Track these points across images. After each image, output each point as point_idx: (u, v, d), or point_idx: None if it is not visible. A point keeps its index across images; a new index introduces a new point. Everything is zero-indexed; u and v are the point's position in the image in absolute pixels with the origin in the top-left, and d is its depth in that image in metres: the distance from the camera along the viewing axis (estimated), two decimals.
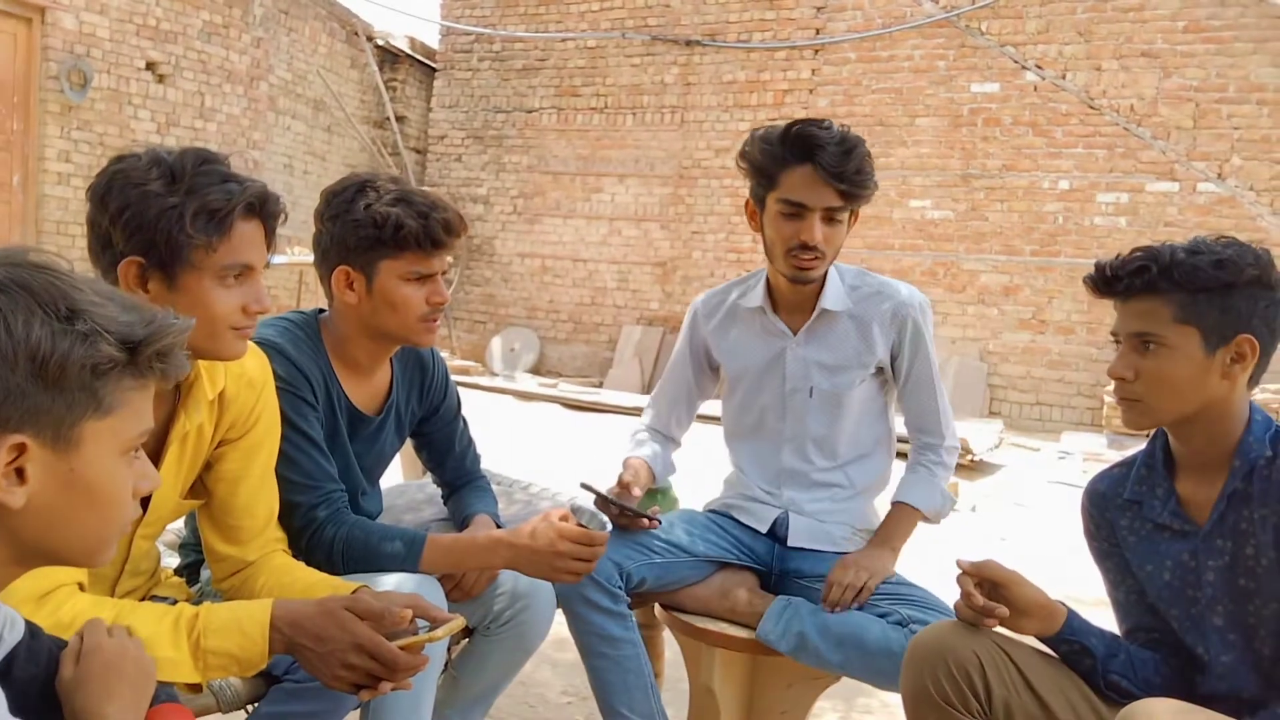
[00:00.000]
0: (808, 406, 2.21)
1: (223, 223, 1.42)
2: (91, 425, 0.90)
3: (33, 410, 0.87)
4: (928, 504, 2.19)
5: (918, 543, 2.29)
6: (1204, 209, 8.52)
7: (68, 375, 0.88)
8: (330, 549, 1.74)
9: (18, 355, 0.85)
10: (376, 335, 1.85)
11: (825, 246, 2.05)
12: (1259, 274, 1.50)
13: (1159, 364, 1.56)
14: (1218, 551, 1.57)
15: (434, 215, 1.76)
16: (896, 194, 9.52)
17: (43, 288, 0.88)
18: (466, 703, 2.05)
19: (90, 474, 0.91)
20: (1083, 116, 8.87)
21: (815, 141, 1.99)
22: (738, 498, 2.31)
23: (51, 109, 7.90)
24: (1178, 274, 1.53)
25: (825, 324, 2.18)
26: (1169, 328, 1.55)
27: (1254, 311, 1.51)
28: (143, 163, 1.43)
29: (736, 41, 10.21)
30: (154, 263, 1.41)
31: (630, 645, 2.06)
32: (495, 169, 11.46)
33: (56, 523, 0.91)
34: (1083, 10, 8.86)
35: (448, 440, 2.14)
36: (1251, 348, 1.51)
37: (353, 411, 1.90)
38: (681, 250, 10.53)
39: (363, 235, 1.76)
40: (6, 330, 0.85)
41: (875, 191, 2.08)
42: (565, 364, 11.03)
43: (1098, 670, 1.59)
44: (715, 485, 2.41)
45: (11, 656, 1.05)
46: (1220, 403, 1.55)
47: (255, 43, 9.65)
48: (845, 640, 1.96)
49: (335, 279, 1.81)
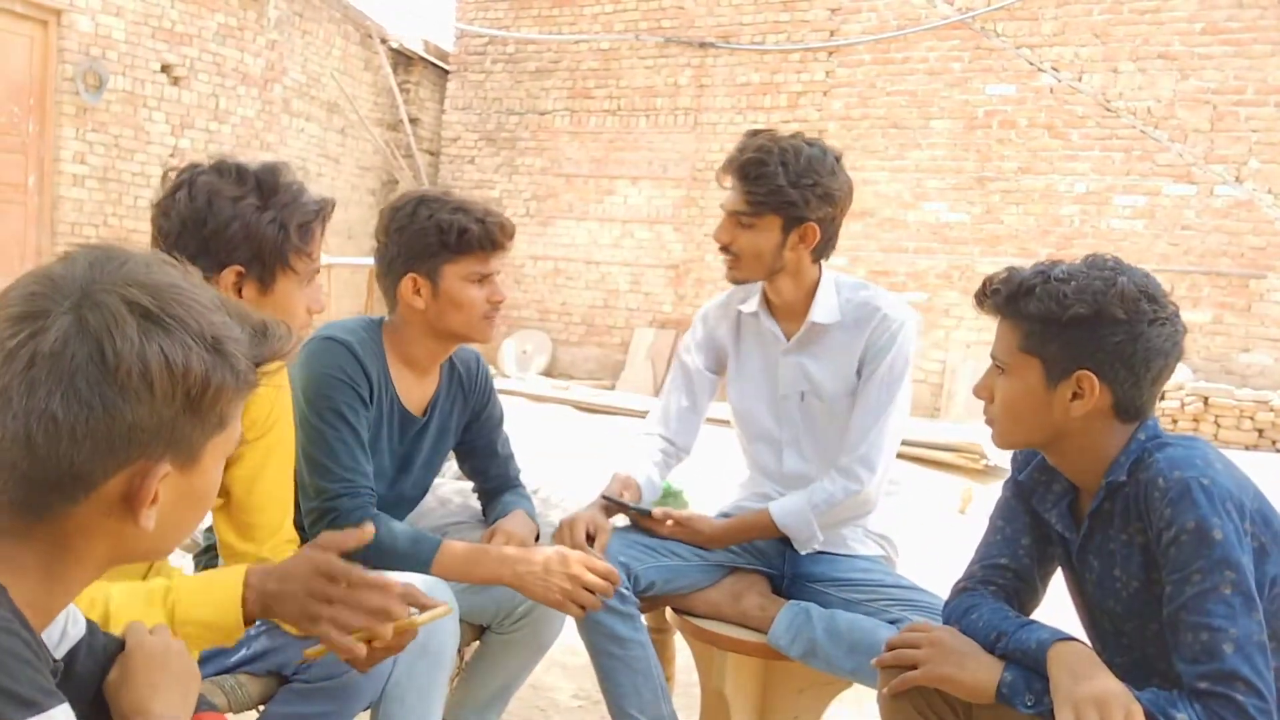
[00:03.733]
0: (799, 412, 2.23)
1: (314, 232, 1.59)
2: (214, 442, 0.93)
3: (178, 439, 0.88)
4: (787, 519, 2.14)
5: (930, 544, 2.28)
6: (1222, 212, 8.46)
7: (213, 405, 0.89)
8: None
9: (175, 390, 0.86)
10: (441, 335, 1.98)
11: (735, 247, 2.12)
12: (1095, 311, 1.43)
13: (1008, 390, 1.55)
14: (1089, 568, 1.57)
15: (490, 219, 1.93)
16: (911, 196, 9.49)
17: (190, 311, 0.88)
18: (480, 703, 2.08)
19: (203, 484, 0.95)
20: (1099, 119, 8.82)
21: (735, 147, 2.14)
22: (751, 498, 2.32)
23: (67, 111, 7.94)
24: (1021, 302, 1.50)
25: (816, 335, 2.19)
26: (1014, 355, 1.53)
27: (1098, 347, 1.45)
28: (229, 177, 1.54)
29: (750, 44, 10.20)
30: (254, 271, 1.55)
31: (639, 646, 2.06)
32: (508, 171, 11.48)
33: (167, 531, 0.93)
34: (1099, 12, 8.81)
35: (490, 446, 2.22)
36: (1090, 385, 1.46)
37: (402, 413, 2.01)
38: (694, 253, 10.51)
39: (428, 242, 1.90)
40: (168, 367, 0.85)
41: (781, 198, 2.07)
42: (577, 366, 11.03)
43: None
44: (726, 487, 2.41)
45: (74, 653, 1.06)
46: (1078, 433, 1.51)
47: (270, 45, 9.69)
48: (856, 646, 1.95)
49: (403, 287, 1.94)
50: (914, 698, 1.57)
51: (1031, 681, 1.43)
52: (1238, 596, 1.33)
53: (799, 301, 2.19)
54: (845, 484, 2.11)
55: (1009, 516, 1.68)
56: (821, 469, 2.20)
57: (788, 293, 2.19)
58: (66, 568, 0.90)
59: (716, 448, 3.02)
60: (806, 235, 2.10)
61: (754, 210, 2.08)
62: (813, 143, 2.11)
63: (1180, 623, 1.36)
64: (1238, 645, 1.31)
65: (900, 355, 2.13)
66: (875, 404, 2.13)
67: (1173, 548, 1.38)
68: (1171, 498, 1.39)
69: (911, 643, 1.57)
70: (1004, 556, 1.65)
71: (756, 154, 2.07)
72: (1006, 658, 1.49)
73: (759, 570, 2.22)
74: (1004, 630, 1.51)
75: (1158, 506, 1.41)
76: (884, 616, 1.99)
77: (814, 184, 2.06)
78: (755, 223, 2.09)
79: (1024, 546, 1.65)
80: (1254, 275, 8.37)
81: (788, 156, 2.05)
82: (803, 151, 2.07)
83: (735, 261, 2.14)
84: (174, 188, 1.54)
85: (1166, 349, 1.47)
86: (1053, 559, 1.66)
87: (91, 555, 0.90)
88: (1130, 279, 1.46)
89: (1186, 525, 1.36)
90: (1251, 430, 7.67)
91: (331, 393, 1.86)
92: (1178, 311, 1.50)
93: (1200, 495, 1.36)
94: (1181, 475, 1.39)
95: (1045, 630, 1.48)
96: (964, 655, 1.51)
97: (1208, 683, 1.31)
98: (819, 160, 2.08)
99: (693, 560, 2.17)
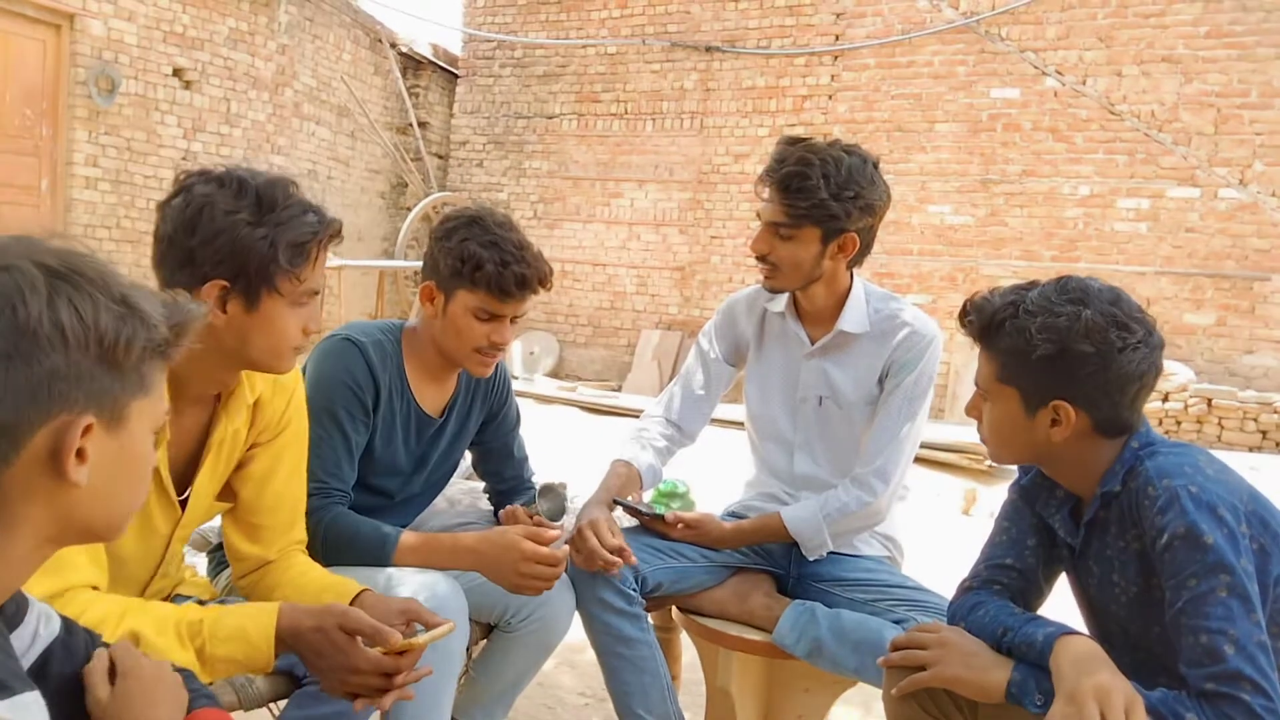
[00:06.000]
0: (816, 416, 2.23)
1: (309, 254, 1.50)
2: (137, 404, 0.95)
3: (97, 392, 0.90)
4: (799, 526, 2.15)
5: (934, 544, 2.31)
6: (1226, 215, 8.47)
7: (129, 357, 0.92)
8: (313, 535, 1.80)
9: (88, 340, 0.89)
10: (441, 350, 2.00)
11: (773, 258, 2.10)
12: (1061, 349, 1.45)
13: (992, 415, 1.58)
14: (1090, 573, 1.59)
15: (513, 268, 1.89)
16: (915, 199, 9.50)
17: (98, 275, 0.91)
18: (487, 701, 2.08)
19: (134, 450, 0.96)
20: (1103, 122, 8.83)
21: (773, 157, 2.09)
22: (759, 498, 2.32)
23: (80, 114, 7.99)
24: (993, 336, 1.52)
25: (842, 343, 2.19)
26: (993, 384, 1.55)
27: (1072, 379, 1.47)
28: (229, 189, 1.47)
29: (756, 48, 10.23)
30: (239, 287, 1.47)
31: (645, 646, 2.08)
32: (516, 174, 11.51)
33: (103, 498, 0.94)
34: (1103, 16, 8.82)
35: (506, 448, 2.25)
36: (1067, 414, 1.48)
37: (419, 414, 2.03)
38: (700, 255, 10.54)
39: (450, 263, 1.92)
40: (79, 317, 0.88)
41: (824, 211, 2.04)
42: (584, 368, 11.06)
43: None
44: (732, 487, 2.43)
45: (48, 654, 1.07)
46: (1066, 452, 1.53)
47: (280, 49, 9.74)
48: (861, 646, 1.96)
49: (422, 290, 2.00)
50: (920, 697, 1.58)
51: (1041, 681, 1.44)
52: (1234, 599, 1.33)
53: (829, 308, 2.18)
54: (859, 495, 2.12)
55: (1014, 518, 1.70)
56: (832, 473, 2.21)
57: (820, 300, 2.18)
58: (9, 539, 0.90)
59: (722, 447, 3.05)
60: (845, 245, 2.08)
61: (794, 222, 2.05)
62: (852, 150, 2.08)
63: (1181, 627, 1.37)
64: (1239, 646, 1.31)
65: (925, 372, 2.13)
66: (896, 418, 2.12)
67: (1166, 554, 1.39)
68: (1161, 505, 1.40)
69: (919, 643, 1.58)
70: (1009, 557, 1.66)
71: (797, 166, 2.02)
72: (1012, 652, 1.50)
73: (765, 570, 2.24)
74: (1009, 625, 1.52)
75: (1149, 514, 1.42)
76: (889, 616, 2.01)
77: (855, 195, 2.03)
78: (794, 234, 2.06)
79: (1029, 547, 1.66)
80: (1258, 278, 8.37)
81: (829, 168, 2.01)
82: (843, 162, 2.03)
83: (773, 271, 2.12)
84: (174, 192, 1.50)
85: (1141, 371, 1.47)
86: (1057, 560, 1.67)
87: (31, 522, 0.90)
88: (1096, 310, 1.46)
89: (1177, 532, 1.37)
90: (1255, 432, 7.67)
91: (333, 394, 1.88)
92: (1151, 328, 1.50)
93: (1189, 502, 1.38)
94: (1170, 483, 1.41)
95: (1051, 625, 1.49)
96: (972, 655, 1.52)
97: (1213, 684, 1.32)
98: (859, 170, 2.04)
99: (699, 560, 2.18)
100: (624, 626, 2.06)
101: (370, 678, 1.37)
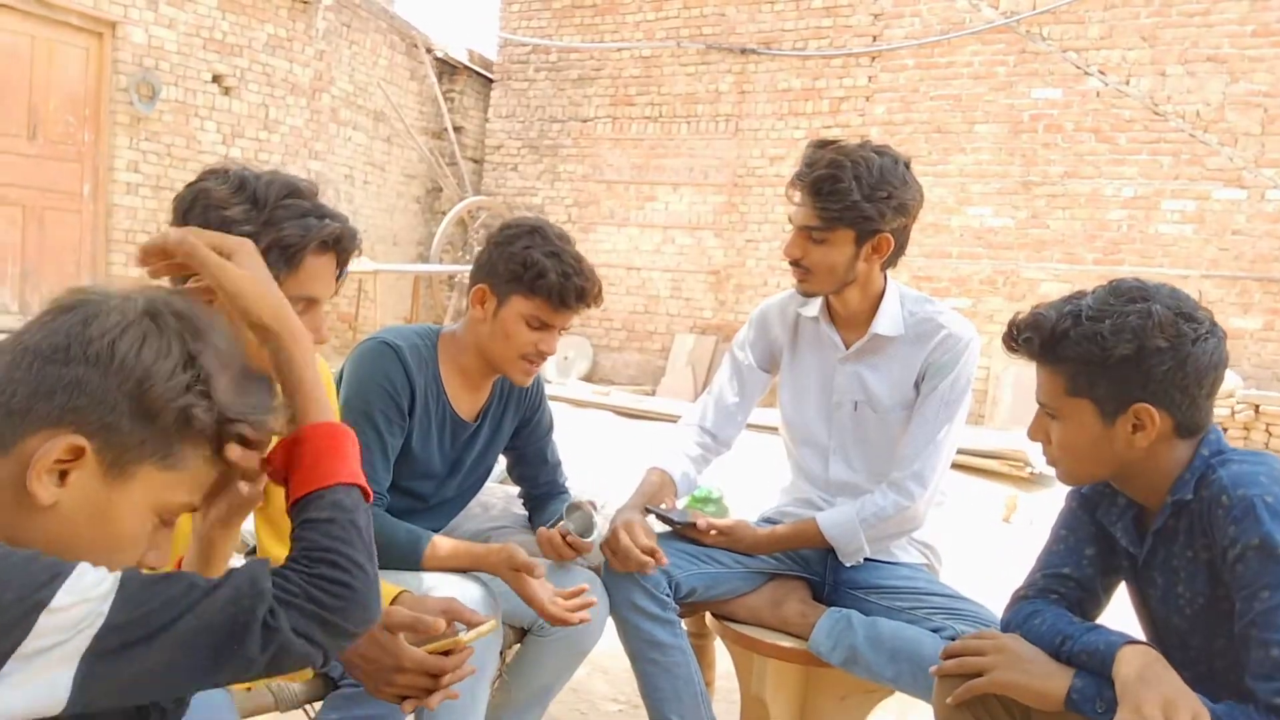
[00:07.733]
0: (852, 421, 2.20)
1: (293, 258, 1.40)
2: (149, 470, 0.91)
3: (110, 426, 0.88)
4: (835, 530, 2.13)
5: (974, 552, 2.26)
6: (1273, 216, 8.29)
7: (159, 415, 0.89)
8: None
9: (130, 375, 0.88)
10: (484, 355, 2.00)
11: (806, 262, 2.08)
12: (1139, 346, 1.42)
13: (1063, 433, 1.53)
14: (1153, 583, 1.55)
15: (573, 279, 1.92)
16: (955, 201, 9.40)
17: (183, 327, 0.91)
18: (520, 707, 2.08)
19: (119, 513, 0.91)
20: (1147, 123, 8.69)
21: (803, 160, 2.07)
22: (795, 504, 2.30)
23: (121, 120, 8.11)
24: (1059, 348, 1.49)
25: (876, 346, 2.16)
26: (1063, 400, 1.51)
27: (1150, 379, 1.43)
28: (228, 185, 1.42)
29: (792, 50, 10.18)
30: None
31: (679, 652, 2.06)
32: (550, 178, 11.54)
33: (63, 539, 0.88)
34: (1147, 15, 8.68)
35: (540, 453, 2.25)
36: (1150, 417, 1.45)
37: (454, 418, 2.04)
38: (735, 259, 10.50)
39: (510, 268, 1.92)
40: (137, 351, 0.88)
41: (857, 213, 2.02)
42: (618, 372, 11.05)
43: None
44: (768, 493, 2.40)
45: None
46: (1145, 460, 1.49)
47: (318, 55, 9.83)
48: (898, 654, 1.95)
49: (474, 293, 1.99)
50: (973, 705, 1.55)
51: (1103, 689, 1.42)
52: None
53: (863, 312, 2.16)
54: (896, 499, 2.09)
55: (1073, 526, 1.66)
56: (868, 479, 2.18)
57: (854, 303, 2.16)
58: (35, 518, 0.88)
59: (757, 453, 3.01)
60: (880, 246, 2.06)
61: (827, 225, 2.03)
62: (882, 151, 2.06)
63: (1250, 639, 1.34)
64: None
65: (963, 375, 2.11)
66: (933, 421, 2.10)
67: (1239, 564, 1.36)
68: (1235, 515, 1.37)
69: (974, 649, 1.55)
70: (1067, 566, 1.63)
71: (829, 169, 2.01)
72: (1071, 661, 1.47)
73: (800, 576, 2.22)
74: (1069, 634, 1.49)
75: (1221, 524, 1.39)
76: (926, 625, 1.98)
77: (888, 196, 2.01)
78: (828, 237, 2.04)
79: (1087, 556, 1.63)
80: None
81: (860, 170, 2.00)
82: (874, 163, 2.01)
83: (806, 275, 2.10)
84: (186, 185, 1.47)
85: (1215, 361, 1.45)
86: (1116, 570, 1.63)
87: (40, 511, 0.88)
88: (1163, 304, 1.44)
89: (1251, 542, 1.35)
90: None
91: (370, 397, 1.89)
92: (1213, 319, 1.48)
93: (1264, 512, 1.35)
94: (1245, 493, 1.38)
95: (1113, 634, 1.46)
96: (1031, 661, 1.50)
97: None
98: (891, 170, 2.02)
99: (734, 567, 2.17)
100: (657, 632, 2.05)
101: (417, 677, 1.36)
